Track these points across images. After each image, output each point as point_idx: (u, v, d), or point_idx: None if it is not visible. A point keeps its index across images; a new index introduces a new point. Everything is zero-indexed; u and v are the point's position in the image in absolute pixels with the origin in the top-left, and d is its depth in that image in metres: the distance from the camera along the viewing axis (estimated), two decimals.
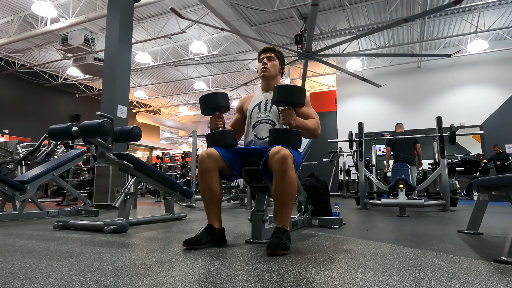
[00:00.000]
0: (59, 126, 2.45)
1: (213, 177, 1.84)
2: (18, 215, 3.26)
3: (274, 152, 1.72)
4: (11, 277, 1.16)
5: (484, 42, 9.17)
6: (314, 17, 4.95)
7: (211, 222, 1.84)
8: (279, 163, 1.68)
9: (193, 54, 10.39)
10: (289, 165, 1.69)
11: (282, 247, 1.54)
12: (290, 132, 1.82)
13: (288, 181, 1.70)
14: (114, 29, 5.23)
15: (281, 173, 1.69)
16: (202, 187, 1.86)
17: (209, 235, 1.78)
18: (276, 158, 1.69)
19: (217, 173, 1.86)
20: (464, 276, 1.20)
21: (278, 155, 1.69)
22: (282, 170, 1.68)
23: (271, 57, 2.14)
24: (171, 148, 19.73)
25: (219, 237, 1.84)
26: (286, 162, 1.68)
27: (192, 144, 5.90)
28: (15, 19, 8.49)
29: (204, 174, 1.84)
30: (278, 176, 1.70)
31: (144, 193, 9.91)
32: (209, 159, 1.85)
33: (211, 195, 1.85)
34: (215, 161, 1.85)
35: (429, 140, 6.20)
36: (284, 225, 1.71)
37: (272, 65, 2.12)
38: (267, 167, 1.78)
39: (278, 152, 1.70)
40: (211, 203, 1.86)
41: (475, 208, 2.18)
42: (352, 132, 5.60)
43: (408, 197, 4.43)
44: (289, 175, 1.69)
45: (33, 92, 12.01)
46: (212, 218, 1.85)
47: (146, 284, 1.08)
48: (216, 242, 1.81)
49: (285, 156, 1.68)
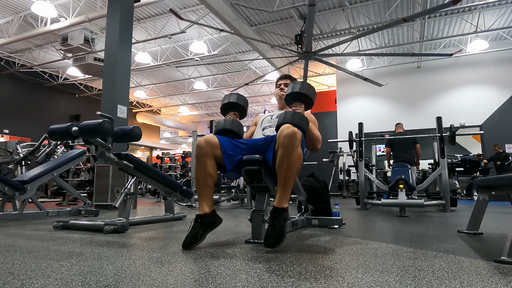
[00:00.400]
0: (59, 126, 2.45)
1: (208, 162, 1.86)
2: (18, 215, 3.26)
3: (283, 128, 1.76)
4: (11, 277, 1.16)
5: (484, 42, 9.17)
6: (312, 17, 4.96)
7: (201, 210, 1.84)
8: (288, 138, 1.72)
9: (193, 54, 10.40)
10: (298, 140, 1.73)
11: (279, 240, 1.59)
12: (299, 114, 1.93)
13: (295, 156, 1.72)
14: (114, 29, 5.23)
15: (289, 147, 1.71)
16: (197, 171, 1.88)
17: (201, 225, 1.78)
18: (285, 133, 1.73)
19: (212, 159, 1.88)
20: (464, 276, 1.20)
21: (287, 130, 1.74)
22: (290, 144, 1.71)
23: (287, 83, 2.42)
24: (171, 148, 19.74)
25: (212, 221, 1.84)
26: (295, 137, 1.72)
27: (192, 144, 5.90)
28: (15, 19, 8.49)
29: (199, 159, 1.87)
30: (286, 150, 1.72)
31: (144, 193, 9.91)
32: (206, 144, 1.87)
33: (204, 178, 1.85)
34: (212, 147, 1.88)
35: (429, 140, 6.20)
36: (283, 206, 1.72)
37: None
38: (271, 159, 1.81)
39: (287, 128, 1.75)
40: (204, 185, 1.86)
41: (475, 208, 2.18)
42: (352, 132, 5.60)
43: (408, 197, 4.43)
44: (297, 151, 1.73)
45: (33, 92, 12.01)
46: (203, 205, 1.85)
47: (146, 284, 1.08)
48: (211, 227, 1.83)
49: (294, 132, 1.73)
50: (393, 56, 10.53)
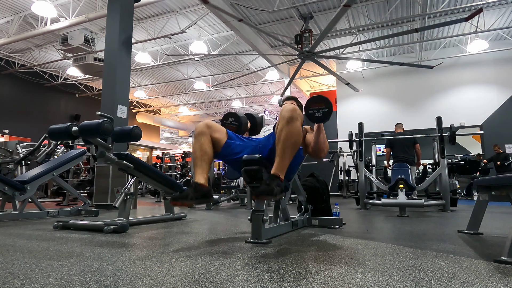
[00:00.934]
0: (59, 126, 2.45)
1: (205, 139, 1.98)
2: (18, 215, 3.26)
3: (285, 105, 1.86)
4: (11, 277, 1.16)
5: (484, 42, 9.17)
6: (340, 18, 5.12)
7: (197, 179, 1.89)
8: (289, 111, 1.78)
9: (193, 54, 10.40)
10: (298, 115, 1.79)
11: (268, 192, 1.62)
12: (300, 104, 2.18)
13: (294, 128, 1.77)
14: (114, 29, 5.23)
15: (288, 120, 1.77)
16: (194, 146, 2.00)
17: (195, 191, 1.82)
18: (286, 108, 1.80)
19: (209, 137, 2.00)
20: (464, 276, 1.20)
21: (289, 106, 1.81)
22: (290, 117, 1.77)
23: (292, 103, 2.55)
24: (171, 148, 19.73)
25: (205, 193, 1.87)
26: (296, 112, 1.79)
27: (192, 144, 5.89)
28: (15, 19, 8.49)
29: (198, 136, 1.99)
30: (285, 123, 1.78)
31: (144, 193, 9.91)
32: (204, 126, 2.01)
33: (201, 152, 1.95)
34: (209, 129, 2.01)
35: (429, 140, 6.19)
36: (279, 173, 1.76)
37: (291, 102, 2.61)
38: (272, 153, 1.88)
39: (289, 104, 1.86)
40: (200, 160, 1.95)
41: (475, 208, 2.18)
42: (352, 132, 5.60)
43: (408, 197, 4.43)
44: (296, 124, 1.78)
45: (33, 92, 12.01)
46: (198, 175, 1.91)
47: (146, 284, 1.08)
48: (203, 198, 1.86)
49: (296, 108, 1.81)
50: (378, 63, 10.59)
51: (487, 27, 8.56)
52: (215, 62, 11.67)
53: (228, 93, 15.17)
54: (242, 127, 2.38)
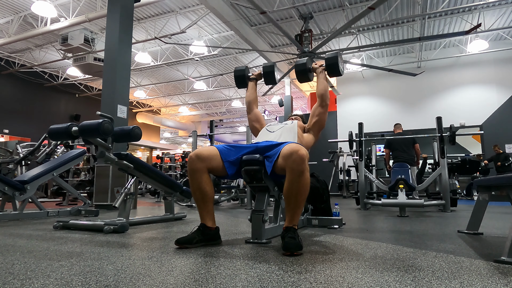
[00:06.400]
0: (59, 126, 2.45)
1: (202, 178, 1.85)
2: (18, 215, 3.26)
3: (291, 150, 1.72)
4: (11, 277, 1.16)
5: (484, 42, 9.18)
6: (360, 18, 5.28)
7: (204, 221, 1.85)
8: (297, 164, 1.69)
9: (193, 54, 10.40)
10: (306, 166, 1.71)
11: (299, 247, 1.58)
12: None
13: (304, 182, 1.71)
14: (114, 29, 5.23)
15: (298, 173, 1.69)
16: (192, 187, 1.88)
17: (202, 234, 1.79)
18: (294, 158, 1.69)
19: (206, 173, 1.87)
20: (464, 276, 1.20)
21: (296, 155, 1.69)
22: (300, 171, 1.69)
23: (297, 117, 2.66)
24: (171, 148, 19.73)
25: (213, 236, 1.84)
26: (304, 163, 1.70)
27: (192, 144, 5.90)
28: (15, 19, 8.49)
29: (193, 175, 1.86)
30: (295, 176, 1.70)
31: (144, 193, 9.91)
32: (197, 159, 1.85)
33: (201, 195, 1.86)
34: (203, 162, 1.86)
35: (429, 140, 6.20)
36: (295, 224, 1.75)
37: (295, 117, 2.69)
38: (274, 167, 1.80)
39: (296, 152, 1.70)
40: (202, 202, 1.87)
41: (475, 208, 2.18)
42: (352, 132, 5.60)
43: (408, 197, 4.43)
44: (305, 176, 1.71)
45: (33, 92, 12.01)
46: (204, 217, 1.86)
47: (146, 284, 1.08)
48: (209, 241, 1.82)
49: (303, 157, 1.70)
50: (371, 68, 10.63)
51: (487, 27, 8.56)
52: (215, 62, 11.67)
53: (228, 93, 15.17)
54: None
